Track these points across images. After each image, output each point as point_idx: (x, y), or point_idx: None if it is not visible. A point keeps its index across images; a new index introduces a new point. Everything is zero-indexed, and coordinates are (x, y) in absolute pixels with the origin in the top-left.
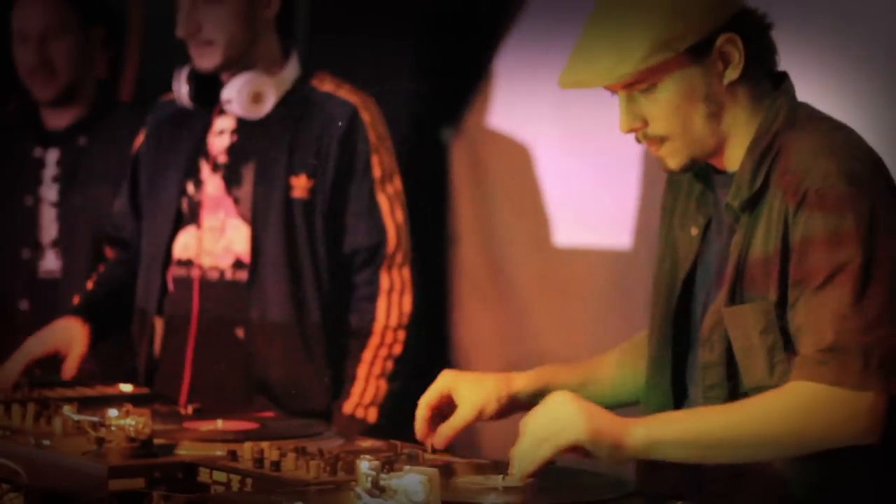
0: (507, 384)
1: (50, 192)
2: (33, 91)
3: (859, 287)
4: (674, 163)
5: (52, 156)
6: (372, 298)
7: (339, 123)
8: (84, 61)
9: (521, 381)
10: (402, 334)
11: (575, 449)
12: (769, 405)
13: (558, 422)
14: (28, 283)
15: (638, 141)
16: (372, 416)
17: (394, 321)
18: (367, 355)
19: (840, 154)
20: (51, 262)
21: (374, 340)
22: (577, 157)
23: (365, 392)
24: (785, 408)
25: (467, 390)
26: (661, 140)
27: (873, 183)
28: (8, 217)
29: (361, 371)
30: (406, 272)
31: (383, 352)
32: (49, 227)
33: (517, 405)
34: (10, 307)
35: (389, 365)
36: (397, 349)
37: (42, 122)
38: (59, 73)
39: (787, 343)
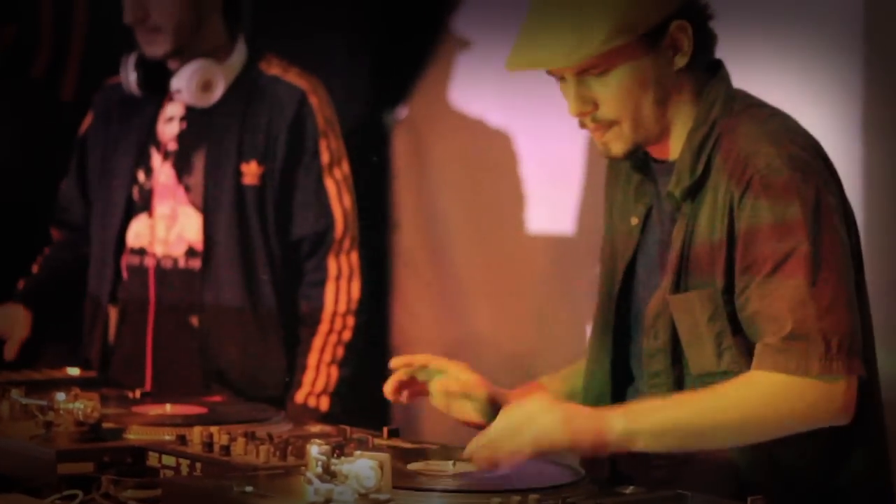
0: (491, 392)
1: None
2: None
3: (811, 272)
4: (617, 148)
5: None
6: (320, 284)
7: (287, 109)
8: None
9: (503, 395)
10: (351, 320)
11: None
12: (738, 393)
13: (537, 424)
14: None
15: (582, 126)
16: (324, 404)
17: (342, 307)
18: (318, 342)
19: (781, 139)
20: None
21: (323, 328)
22: (519, 143)
23: (316, 381)
24: (756, 396)
25: (461, 372)
26: (609, 124)
27: (816, 167)
28: None
29: (312, 359)
30: (354, 257)
31: (333, 338)
32: None
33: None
34: None
35: (340, 351)
36: (347, 335)
37: None
38: None
39: (735, 329)
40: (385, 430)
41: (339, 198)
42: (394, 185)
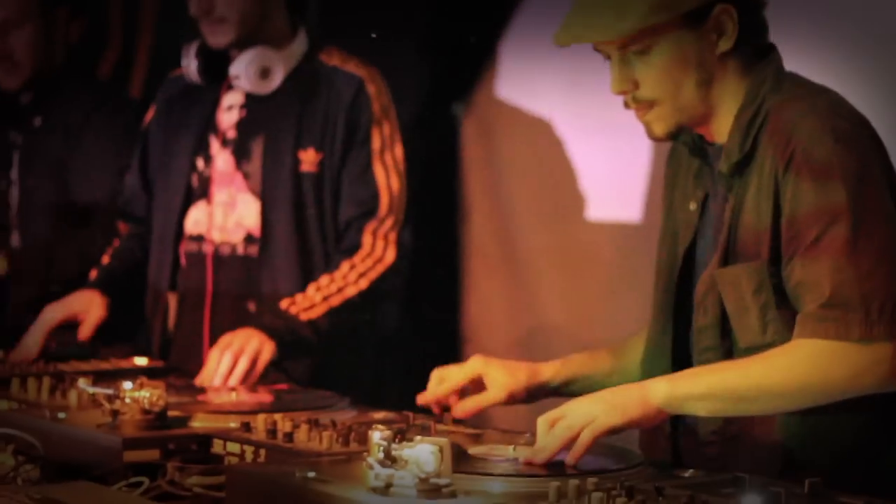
0: (536, 375)
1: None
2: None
3: (851, 239)
4: (659, 129)
5: (19, 138)
6: (350, 252)
7: (345, 97)
8: (47, 46)
9: (549, 372)
10: (369, 277)
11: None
12: (781, 359)
13: (584, 413)
14: None
15: (626, 106)
16: (302, 317)
17: (366, 265)
18: (324, 279)
19: (826, 113)
20: (15, 241)
21: (337, 273)
22: (587, 130)
23: (305, 299)
24: (799, 361)
25: (498, 376)
26: (650, 104)
27: (860, 139)
28: None
29: (311, 286)
30: (392, 237)
31: (341, 282)
32: (14, 206)
33: (545, 393)
34: None
35: (344, 293)
36: (351, 291)
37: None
38: (21, 63)
39: (781, 301)
40: (449, 416)
41: (388, 182)
42: (463, 174)
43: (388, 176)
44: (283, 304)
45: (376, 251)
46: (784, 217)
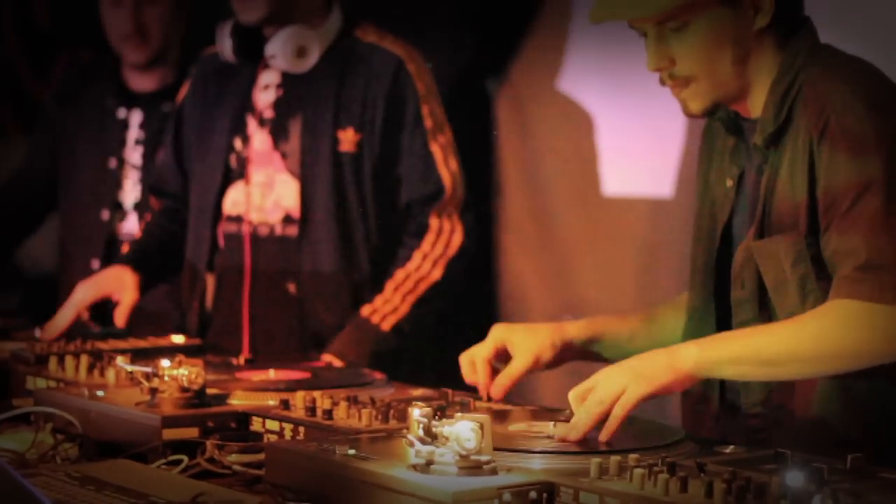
0: (560, 332)
1: (134, 154)
2: (124, 55)
3: (886, 203)
4: (695, 106)
5: (136, 118)
6: (419, 235)
7: (384, 77)
8: (175, 26)
9: (574, 329)
10: (441, 265)
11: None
12: (814, 321)
13: (614, 384)
14: (103, 244)
15: (662, 83)
16: (387, 325)
17: (437, 252)
18: (400, 274)
19: (859, 82)
20: (132, 225)
21: (411, 264)
22: (620, 107)
23: (388, 301)
24: (832, 324)
25: (522, 340)
26: (686, 81)
27: (893, 106)
28: (91, 177)
29: (389, 285)
30: (456, 218)
31: (417, 274)
32: (132, 189)
33: (571, 352)
34: (83, 266)
35: (421, 287)
36: (435, 275)
37: (125, 81)
38: (151, 39)
39: (820, 272)
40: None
41: (446, 162)
42: (497, 150)
43: (445, 156)
44: (365, 311)
45: (444, 234)
46: (819, 187)
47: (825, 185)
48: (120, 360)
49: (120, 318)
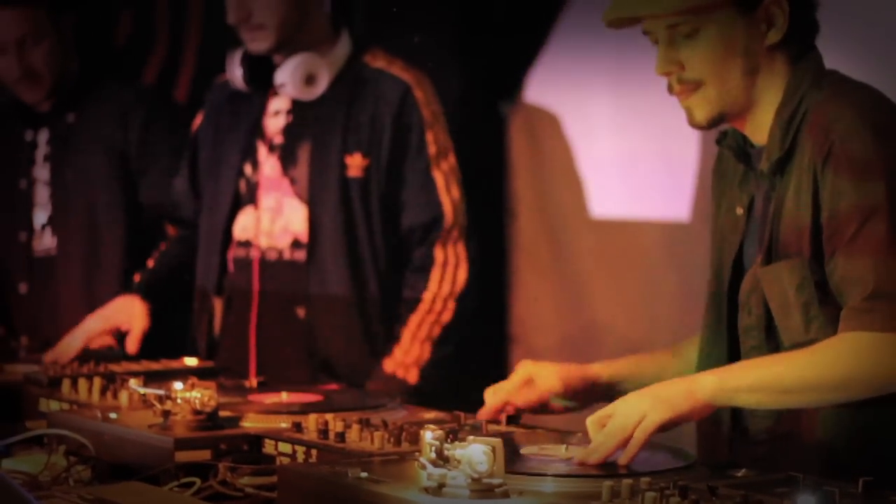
0: (585, 371)
1: (43, 171)
2: (21, 96)
3: (892, 229)
4: (701, 114)
5: (43, 136)
6: (425, 270)
7: (392, 103)
8: (63, 55)
9: (600, 369)
10: (452, 304)
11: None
12: (826, 351)
13: (633, 411)
14: (25, 265)
15: (670, 90)
16: (412, 376)
17: (445, 290)
18: (415, 319)
19: (864, 108)
20: (46, 241)
21: (422, 307)
22: (634, 130)
23: (408, 353)
24: (844, 354)
25: (549, 373)
26: (694, 86)
27: None
28: (4, 201)
29: (406, 333)
30: (461, 248)
31: (431, 318)
32: (45, 206)
33: (595, 394)
34: (10, 291)
35: (436, 330)
36: (446, 316)
37: (28, 104)
38: (42, 78)
39: (823, 298)
40: (503, 416)
41: (447, 189)
42: (510, 173)
43: (447, 182)
44: (388, 367)
45: (449, 267)
46: (824, 213)
47: (829, 210)
48: (133, 383)
49: (131, 345)
